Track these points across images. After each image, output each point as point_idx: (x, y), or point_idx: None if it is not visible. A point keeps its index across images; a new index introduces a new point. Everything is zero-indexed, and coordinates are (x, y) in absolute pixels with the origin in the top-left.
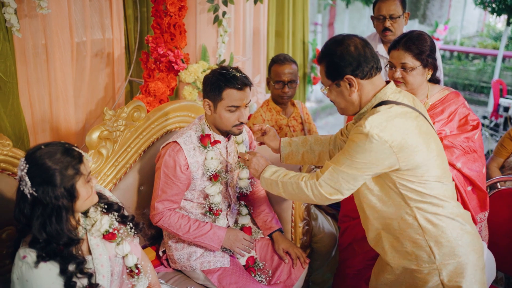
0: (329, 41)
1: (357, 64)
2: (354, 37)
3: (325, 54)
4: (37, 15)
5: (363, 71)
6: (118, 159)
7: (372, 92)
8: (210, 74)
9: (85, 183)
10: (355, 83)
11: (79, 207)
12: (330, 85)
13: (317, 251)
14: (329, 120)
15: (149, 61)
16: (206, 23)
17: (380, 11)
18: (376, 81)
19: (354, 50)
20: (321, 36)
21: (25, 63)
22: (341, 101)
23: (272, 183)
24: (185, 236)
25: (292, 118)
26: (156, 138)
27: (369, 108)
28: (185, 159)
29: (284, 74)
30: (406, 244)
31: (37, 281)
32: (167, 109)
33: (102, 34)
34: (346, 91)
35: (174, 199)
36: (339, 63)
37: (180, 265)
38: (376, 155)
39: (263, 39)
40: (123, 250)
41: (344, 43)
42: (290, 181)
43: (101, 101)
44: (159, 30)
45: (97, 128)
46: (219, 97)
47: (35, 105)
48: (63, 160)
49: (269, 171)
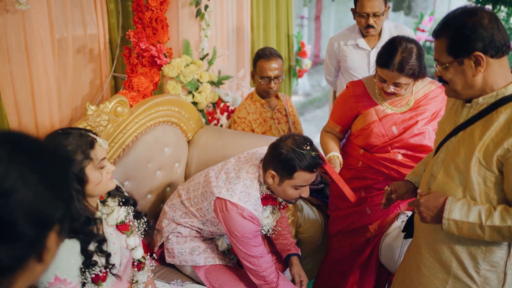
0: (456, 11)
1: (490, 39)
2: (485, 9)
3: (451, 26)
4: (17, 11)
5: (495, 47)
6: None
7: (502, 76)
8: (285, 150)
9: (96, 169)
10: (484, 61)
11: (91, 191)
12: (450, 62)
13: (303, 242)
14: (317, 113)
15: (132, 56)
16: (188, 17)
17: (364, 9)
18: (504, 62)
19: (488, 23)
20: (307, 30)
21: (8, 60)
22: (460, 81)
23: (468, 228)
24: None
25: (277, 111)
26: (140, 132)
27: (500, 94)
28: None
29: (270, 70)
30: (482, 266)
31: (60, 255)
32: (150, 103)
33: (83, 29)
34: (470, 70)
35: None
36: (469, 36)
37: (180, 259)
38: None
39: (246, 32)
40: (134, 243)
41: (477, 14)
42: (508, 225)
43: (85, 97)
44: (141, 24)
45: (79, 124)
46: (290, 177)
47: (19, 103)
48: (74, 145)
49: (456, 210)
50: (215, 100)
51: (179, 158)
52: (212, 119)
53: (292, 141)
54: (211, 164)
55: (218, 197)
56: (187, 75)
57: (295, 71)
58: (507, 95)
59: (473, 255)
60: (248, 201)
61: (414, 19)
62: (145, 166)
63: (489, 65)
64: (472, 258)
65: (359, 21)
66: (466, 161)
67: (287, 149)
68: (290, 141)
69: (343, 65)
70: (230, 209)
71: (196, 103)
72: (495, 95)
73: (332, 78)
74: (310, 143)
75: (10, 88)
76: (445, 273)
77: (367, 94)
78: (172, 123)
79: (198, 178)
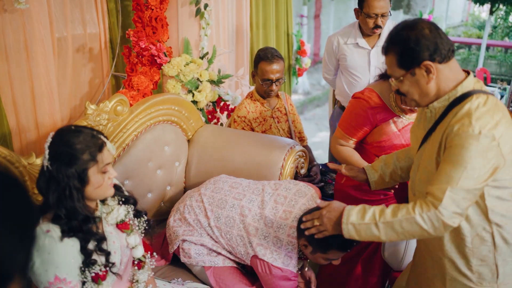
0: (398, 27)
1: (434, 47)
2: (423, 20)
3: (397, 42)
4: (16, 10)
5: (441, 54)
6: None
7: (451, 78)
8: None
9: (99, 172)
10: (433, 68)
11: (89, 193)
12: (403, 75)
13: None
14: (317, 112)
15: (132, 55)
16: (188, 16)
17: (373, 9)
18: (453, 65)
19: (429, 32)
20: (307, 28)
21: (6, 60)
22: (416, 91)
23: (366, 229)
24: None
25: (277, 110)
26: (140, 131)
27: (451, 97)
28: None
29: (272, 73)
30: (473, 262)
31: (59, 254)
32: (150, 102)
33: (83, 29)
34: (423, 79)
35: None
36: (414, 48)
37: (197, 260)
38: (488, 156)
39: (246, 31)
40: (134, 241)
41: (417, 26)
42: (398, 219)
43: (85, 96)
44: (141, 23)
45: (79, 123)
46: (323, 252)
47: (18, 102)
48: (83, 144)
49: (353, 214)
50: (215, 99)
51: (179, 157)
52: (212, 118)
53: None
54: (211, 163)
55: (262, 259)
56: (187, 74)
57: (294, 69)
58: (458, 96)
59: (462, 253)
60: (290, 264)
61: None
62: (145, 165)
63: (439, 71)
64: (462, 257)
65: (366, 21)
66: (432, 163)
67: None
68: None
69: (342, 64)
70: (274, 273)
71: (196, 102)
72: (448, 98)
73: (331, 77)
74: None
75: (9, 88)
76: (442, 275)
77: (383, 105)
78: (172, 122)
79: (230, 210)
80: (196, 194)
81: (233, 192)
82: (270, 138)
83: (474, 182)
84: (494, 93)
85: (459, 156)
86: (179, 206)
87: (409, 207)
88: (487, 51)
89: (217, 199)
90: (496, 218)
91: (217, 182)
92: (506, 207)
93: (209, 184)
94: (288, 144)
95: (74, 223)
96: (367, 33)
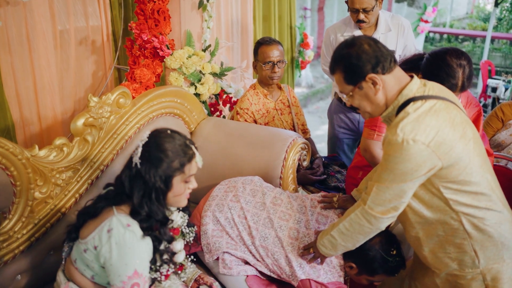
0: (340, 47)
1: (375, 60)
2: (362, 37)
3: (339, 60)
4: (19, 3)
5: (383, 66)
6: (105, 146)
7: (397, 87)
8: (372, 253)
9: (183, 181)
10: (379, 80)
11: (168, 199)
12: (352, 90)
13: None
14: (320, 105)
15: (134, 48)
16: (190, 8)
17: (353, 4)
18: (397, 73)
19: (368, 47)
20: (310, 21)
21: (9, 53)
22: (367, 104)
23: (331, 242)
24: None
25: (279, 102)
26: (142, 124)
27: (395, 106)
28: None
29: (273, 54)
30: (450, 250)
31: (139, 251)
32: (152, 94)
33: (85, 21)
34: (370, 91)
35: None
36: (357, 64)
37: (238, 270)
38: (417, 160)
39: (249, 23)
40: (179, 247)
41: (356, 43)
42: (343, 224)
43: (88, 89)
44: (143, 16)
45: (81, 115)
46: (370, 275)
47: (21, 95)
48: (176, 152)
49: (320, 236)
50: (217, 92)
51: None
52: (215, 111)
53: (380, 244)
54: (213, 155)
55: (302, 279)
56: (189, 66)
57: (298, 62)
58: (401, 105)
59: (440, 243)
60: (333, 277)
61: (417, 10)
62: None
63: (384, 81)
64: (440, 246)
65: (351, 15)
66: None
67: (374, 253)
68: (377, 243)
69: None
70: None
71: (199, 94)
72: (393, 107)
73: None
74: (397, 247)
75: (12, 81)
76: (431, 270)
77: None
78: (174, 115)
79: (278, 230)
80: (238, 208)
81: (277, 210)
82: (272, 130)
83: (401, 181)
84: (499, 85)
85: (388, 162)
86: (216, 215)
87: (351, 208)
88: (492, 43)
89: (263, 218)
90: (461, 208)
91: (256, 194)
92: (469, 198)
93: (245, 192)
94: (290, 136)
95: (153, 222)
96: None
